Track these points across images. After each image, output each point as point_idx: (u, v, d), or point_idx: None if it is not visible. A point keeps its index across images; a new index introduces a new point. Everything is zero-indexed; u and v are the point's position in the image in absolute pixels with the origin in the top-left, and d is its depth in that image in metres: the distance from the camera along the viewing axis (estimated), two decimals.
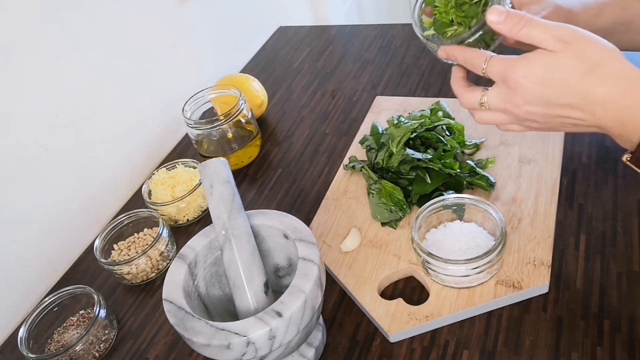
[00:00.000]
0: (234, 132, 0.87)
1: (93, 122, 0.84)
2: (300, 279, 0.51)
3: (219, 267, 0.60)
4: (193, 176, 0.83)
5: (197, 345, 0.49)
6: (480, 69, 0.53)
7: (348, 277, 0.65)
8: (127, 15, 0.89)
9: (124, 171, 0.91)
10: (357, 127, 0.90)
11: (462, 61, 0.55)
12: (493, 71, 0.52)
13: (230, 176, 0.55)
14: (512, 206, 0.68)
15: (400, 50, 1.07)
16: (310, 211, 0.78)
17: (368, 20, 1.80)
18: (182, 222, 0.82)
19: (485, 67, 0.53)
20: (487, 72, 0.53)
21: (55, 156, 0.79)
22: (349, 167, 0.79)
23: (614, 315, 0.56)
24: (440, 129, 0.75)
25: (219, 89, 0.92)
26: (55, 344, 0.68)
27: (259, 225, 0.59)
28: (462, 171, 0.71)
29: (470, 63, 0.54)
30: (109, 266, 0.73)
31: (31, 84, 0.75)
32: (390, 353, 0.59)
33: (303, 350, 0.58)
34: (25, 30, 0.73)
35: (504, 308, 0.60)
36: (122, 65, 0.89)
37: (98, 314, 0.66)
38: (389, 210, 0.70)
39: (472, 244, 0.61)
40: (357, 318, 0.63)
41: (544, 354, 0.55)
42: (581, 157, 0.73)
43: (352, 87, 1.01)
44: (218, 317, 0.58)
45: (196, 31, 1.06)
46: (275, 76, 1.11)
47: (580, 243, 0.64)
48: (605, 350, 0.54)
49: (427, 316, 0.59)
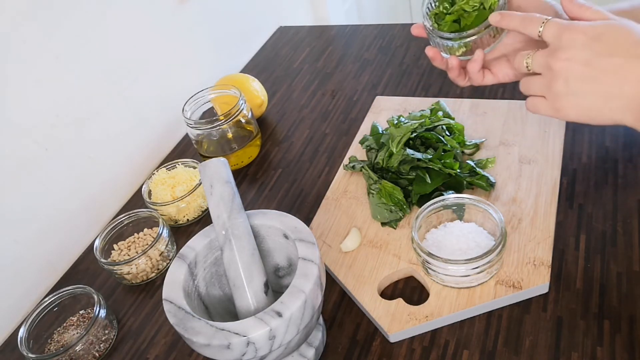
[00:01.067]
0: (234, 132, 0.87)
1: (93, 122, 0.84)
2: (300, 279, 0.51)
3: (219, 267, 0.60)
4: (193, 176, 0.83)
5: (197, 345, 0.49)
6: (537, 31, 0.54)
7: (348, 277, 0.65)
8: (127, 15, 0.88)
9: (124, 171, 0.91)
10: (357, 127, 0.90)
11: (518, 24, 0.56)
12: (550, 29, 0.53)
13: (230, 176, 0.55)
14: (512, 206, 0.68)
15: (400, 50, 1.07)
16: (310, 211, 0.78)
17: (368, 20, 1.80)
18: (182, 222, 0.82)
19: (543, 28, 0.54)
20: (544, 31, 0.54)
21: (55, 156, 0.79)
22: (349, 167, 0.79)
23: (614, 315, 0.56)
24: (440, 129, 0.75)
25: (219, 89, 0.92)
26: (55, 344, 0.68)
27: (259, 225, 0.59)
28: (462, 171, 0.71)
29: (525, 25, 0.55)
30: (109, 266, 0.73)
31: (31, 84, 0.75)
32: (390, 353, 0.59)
33: (303, 350, 0.58)
34: (26, 30, 0.73)
35: (504, 308, 0.60)
36: (122, 65, 0.89)
37: (98, 314, 0.66)
38: (389, 210, 0.70)
39: (472, 244, 0.61)
40: (357, 318, 0.63)
41: (544, 354, 0.55)
42: (581, 157, 0.73)
43: (352, 87, 1.01)
44: (218, 317, 0.58)
45: (196, 31, 1.06)
46: (275, 76, 1.11)
47: (580, 243, 0.64)
48: (605, 350, 0.54)
49: (427, 316, 0.59)
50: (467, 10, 0.60)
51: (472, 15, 0.60)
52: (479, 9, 0.60)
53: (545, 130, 0.77)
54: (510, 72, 0.64)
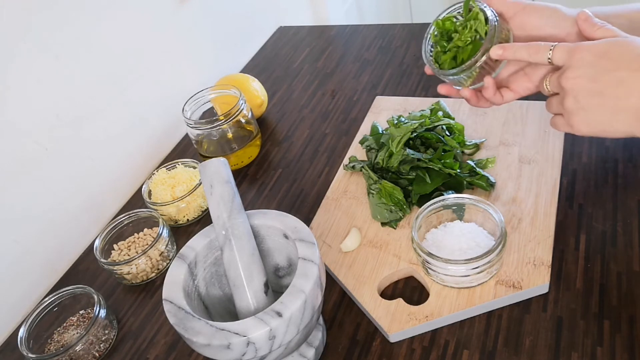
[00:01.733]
0: (234, 132, 0.87)
1: (93, 122, 0.84)
2: (300, 279, 0.51)
3: (219, 267, 0.60)
4: (193, 176, 0.83)
5: (197, 345, 0.49)
6: (545, 57, 0.56)
7: (348, 277, 0.65)
8: (128, 15, 0.89)
9: (124, 171, 0.91)
10: (357, 127, 0.90)
11: (525, 54, 0.58)
12: (559, 53, 0.56)
13: (230, 176, 0.55)
14: (512, 206, 0.68)
15: (400, 50, 1.07)
16: (310, 211, 0.78)
17: (368, 20, 1.80)
18: (182, 222, 0.82)
19: (551, 53, 0.56)
20: (553, 56, 0.56)
21: (55, 156, 0.79)
22: (349, 167, 0.79)
23: (614, 315, 0.56)
24: (440, 129, 0.75)
25: (219, 89, 0.92)
26: (55, 344, 0.68)
27: (259, 225, 0.59)
28: (462, 171, 0.71)
29: (535, 54, 0.57)
30: (109, 266, 0.73)
31: (31, 84, 0.75)
32: (390, 353, 0.59)
33: (303, 350, 0.58)
34: (26, 30, 0.73)
35: (504, 308, 0.60)
36: (122, 65, 0.89)
37: (98, 314, 0.66)
38: (389, 210, 0.70)
39: (472, 244, 0.61)
40: (357, 318, 0.63)
41: (544, 354, 0.55)
42: (581, 157, 0.73)
43: (352, 87, 1.01)
44: (218, 317, 0.58)
45: (196, 31, 1.06)
46: (275, 76, 1.11)
47: (580, 243, 0.64)
48: (605, 350, 0.54)
49: (427, 316, 0.59)
50: (460, 46, 0.62)
51: (467, 50, 0.62)
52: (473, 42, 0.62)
53: (545, 130, 0.77)
54: (530, 84, 0.64)
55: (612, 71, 0.53)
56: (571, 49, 0.55)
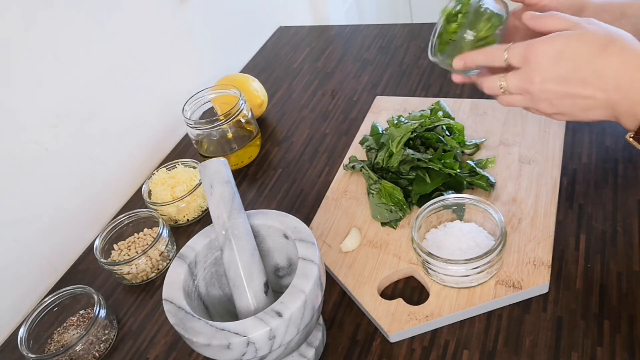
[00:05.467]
0: (234, 132, 0.87)
1: (93, 122, 0.84)
2: (300, 279, 0.51)
3: (219, 267, 0.60)
4: (193, 176, 0.83)
5: (197, 345, 0.49)
6: (502, 59, 0.57)
7: (348, 277, 0.65)
8: (128, 15, 0.88)
9: (124, 171, 0.91)
10: (357, 127, 0.90)
11: (483, 60, 0.59)
12: (514, 55, 0.56)
13: (230, 176, 0.55)
14: (512, 206, 0.68)
15: (400, 50, 1.07)
16: (310, 211, 0.78)
17: (368, 20, 1.80)
18: (182, 222, 0.82)
19: (507, 54, 0.56)
20: (509, 58, 0.56)
21: (55, 156, 0.79)
22: (349, 167, 0.79)
23: (614, 315, 0.56)
24: (440, 129, 0.75)
25: (219, 89, 0.92)
26: (55, 344, 0.68)
27: (259, 225, 0.59)
28: (462, 171, 0.71)
29: (490, 58, 0.58)
30: (109, 266, 0.73)
31: (31, 84, 0.75)
32: (390, 353, 0.59)
33: (303, 350, 0.58)
34: (26, 30, 0.73)
35: (504, 308, 0.60)
36: (122, 65, 0.89)
37: (98, 314, 0.66)
38: (389, 210, 0.70)
39: (472, 244, 0.61)
40: (357, 318, 0.63)
41: (544, 354, 0.55)
42: (581, 157, 0.73)
43: (352, 87, 1.01)
44: (218, 317, 0.58)
45: (196, 31, 1.06)
46: (275, 76, 1.11)
47: (580, 243, 0.64)
48: (605, 350, 0.54)
49: (427, 316, 0.59)
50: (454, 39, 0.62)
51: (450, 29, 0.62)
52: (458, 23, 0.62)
53: (545, 130, 0.77)
54: None
55: (575, 71, 0.54)
56: (525, 48, 0.55)
